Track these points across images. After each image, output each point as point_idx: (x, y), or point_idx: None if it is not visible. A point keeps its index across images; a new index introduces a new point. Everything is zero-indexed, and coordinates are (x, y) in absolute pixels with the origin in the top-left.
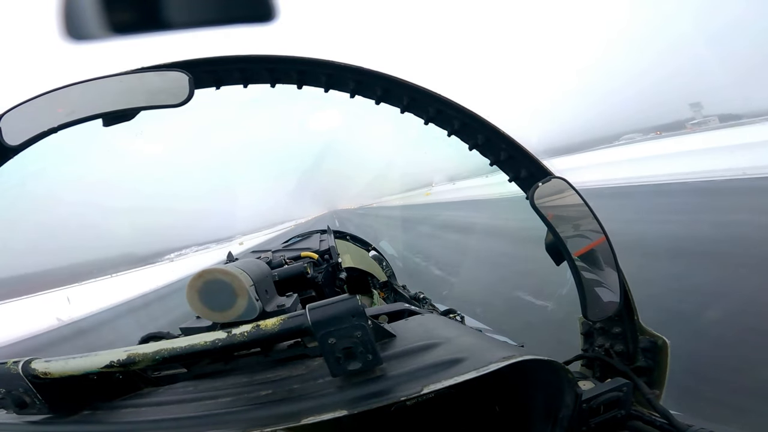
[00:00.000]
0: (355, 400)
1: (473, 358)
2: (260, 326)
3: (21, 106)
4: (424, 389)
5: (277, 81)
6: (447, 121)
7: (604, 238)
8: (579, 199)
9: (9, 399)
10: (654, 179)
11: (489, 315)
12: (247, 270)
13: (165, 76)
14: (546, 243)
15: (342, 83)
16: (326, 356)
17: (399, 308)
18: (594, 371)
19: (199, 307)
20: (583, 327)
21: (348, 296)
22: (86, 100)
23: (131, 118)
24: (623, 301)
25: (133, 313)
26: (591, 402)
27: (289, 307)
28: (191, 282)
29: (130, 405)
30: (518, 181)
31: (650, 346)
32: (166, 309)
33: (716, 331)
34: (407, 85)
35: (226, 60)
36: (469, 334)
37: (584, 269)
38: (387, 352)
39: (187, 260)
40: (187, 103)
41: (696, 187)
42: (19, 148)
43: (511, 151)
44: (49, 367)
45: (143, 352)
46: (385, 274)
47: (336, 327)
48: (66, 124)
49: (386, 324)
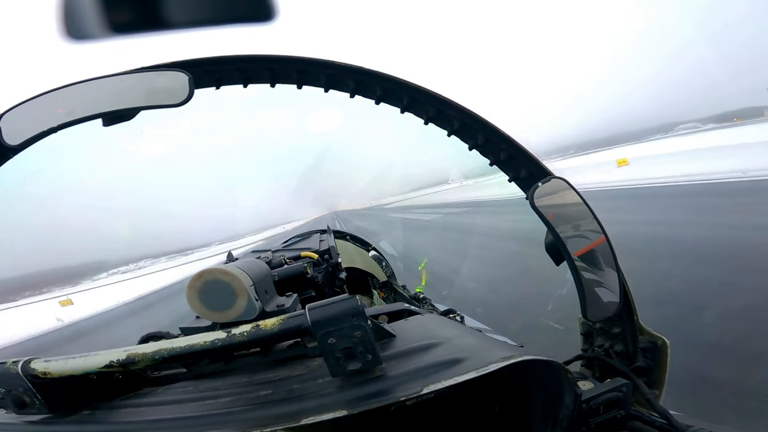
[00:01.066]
0: (354, 400)
1: (473, 358)
2: (260, 326)
3: (21, 106)
4: (423, 389)
5: (277, 81)
6: (447, 121)
7: (604, 239)
8: (579, 199)
9: (9, 399)
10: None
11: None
12: (246, 270)
13: (165, 76)
14: (546, 243)
15: (342, 83)
16: (326, 356)
17: (399, 308)
18: (594, 371)
19: (198, 307)
20: (583, 327)
21: (348, 296)
22: (86, 100)
23: (131, 118)
24: (623, 301)
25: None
26: (591, 402)
27: (288, 307)
28: (191, 282)
29: (129, 405)
30: (518, 181)
31: (650, 346)
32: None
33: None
34: (407, 85)
35: (226, 60)
36: (469, 334)
37: (584, 269)
38: (387, 352)
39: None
40: (187, 103)
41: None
42: (19, 148)
43: (511, 151)
44: (49, 367)
45: (143, 352)
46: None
47: (336, 327)
48: (66, 124)
49: (386, 324)
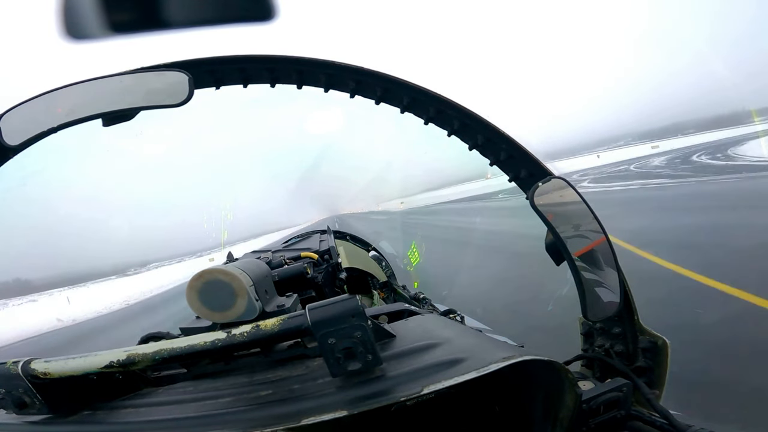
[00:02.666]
0: (355, 400)
1: (473, 358)
2: (260, 326)
3: (21, 106)
4: (423, 389)
5: (277, 81)
6: (447, 121)
7: (604, 238)
8: (579, 199)
9: (8, 399)
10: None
11: None
12: (246, 270)
13: (165, 76)
14: (546, 243)
15: (342, 83)
16: (326, 356)
17: (399, 308)
18: (594, 371)
19: (198, 308)
20: (583, 327)
21: (348, 296)
22: (86, 100)
23: (131, 118)
24: (623, 301)
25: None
26: (591, 402)
27: (288, 307)
28: (191, 282)
29: (129, 405)
30: (518, 181)
31: (650, 346)
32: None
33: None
34: (407, 85)
35: (226, 60)
36: (469, 334)
37: (584, 269)
38: (387, 353)
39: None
40: (186, 103)
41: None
42: (19, 148)
43: (511, 151)
44: (49, 367)
45: (143, 353)
46: (385, 274)
47: (336, 327)
48: (66, 124)
49: (386, 324)
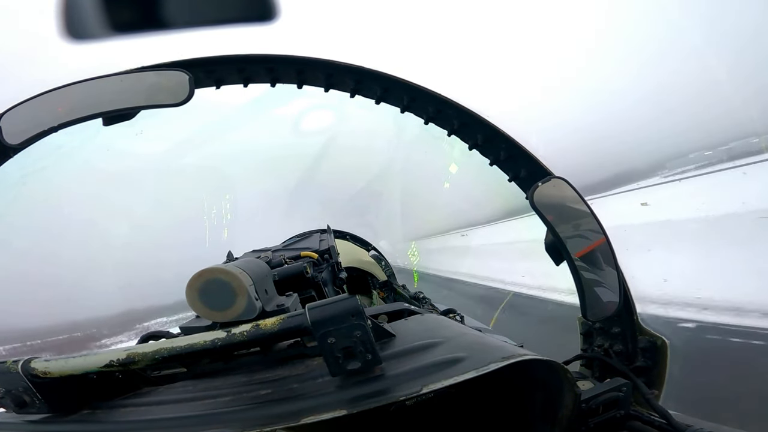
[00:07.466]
0: (354, 399)
1: (473, 357)
2: (260, 326)
3: (21, 106)
4: (423, 389)
5: (277, 81)
6: (446, 121)
7: (604, 239)
8: (579, 199)
9: (9, 398)
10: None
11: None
12: (246, 269)
13: (165, 75)
14: (546, 243)
15: (342, 83)
16: (325, 356)
17: (398, 308)
18: (593, 371)
19: (198, 307)
20: (583, 327)
21: (347, 296)
22: (86, 99)
23: (131, 118)
24: (623, 301)
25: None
26: (590, 402)
27: (288, 306)
28: (191, 281)
29: (129, 404)
30: (518, 181)
31: (649, 346)
32: None
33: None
34: (407, 85)
35: (226, 60)
36: (468, 334)
37: (584, 269)
38: (386, 352)
39: None
40: (187, 103)
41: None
42: (20, 147)
43: (511, 151)
44: (49, 366)
45: (143, 352)
46: (385, 274)
47: (335, 326)
48: (66, 123)
49: (386, 324)
